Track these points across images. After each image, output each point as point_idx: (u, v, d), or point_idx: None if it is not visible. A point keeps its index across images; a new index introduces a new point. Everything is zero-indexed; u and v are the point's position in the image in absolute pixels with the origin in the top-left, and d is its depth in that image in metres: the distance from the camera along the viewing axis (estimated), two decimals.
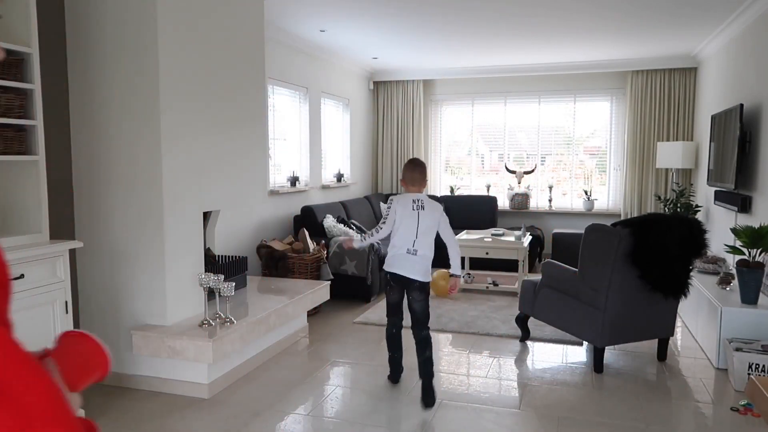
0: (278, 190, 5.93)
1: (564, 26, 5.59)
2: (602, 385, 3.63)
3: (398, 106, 8.41)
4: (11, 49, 2.71)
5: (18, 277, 2.64)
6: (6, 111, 2.69)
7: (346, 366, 3.94)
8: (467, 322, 4.90)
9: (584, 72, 7.65)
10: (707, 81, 6.64)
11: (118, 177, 3.41)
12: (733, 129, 4.91)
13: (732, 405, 3.32)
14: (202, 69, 3.65)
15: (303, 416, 3.16)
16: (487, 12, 5.08)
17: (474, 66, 7.87)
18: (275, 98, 5.98)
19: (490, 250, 5.95)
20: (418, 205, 3.32)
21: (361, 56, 7.20)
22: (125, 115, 3.36)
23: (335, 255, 5.51)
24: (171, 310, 3.47)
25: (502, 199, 8.16)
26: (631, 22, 5.43)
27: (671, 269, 3.64)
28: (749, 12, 4.87)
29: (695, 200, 6.79)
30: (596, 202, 7.85)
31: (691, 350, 4.29)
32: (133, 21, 3.28)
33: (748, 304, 3.83)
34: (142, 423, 3.06)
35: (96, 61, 3.38)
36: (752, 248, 3.77)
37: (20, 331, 2.75)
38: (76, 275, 3.54)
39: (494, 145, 8.37)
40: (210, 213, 4.13)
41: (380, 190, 8.60)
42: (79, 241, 3.03)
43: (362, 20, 5.38)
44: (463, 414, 3.20)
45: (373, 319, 4.99)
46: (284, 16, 5.29)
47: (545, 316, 4.17)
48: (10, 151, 2.73)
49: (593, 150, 7.99)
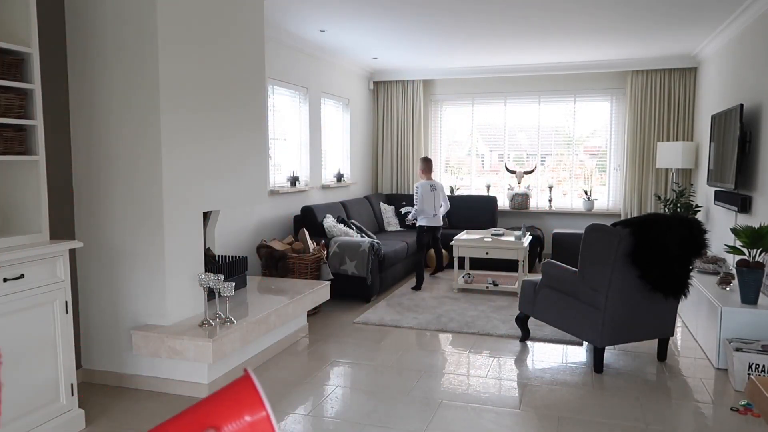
0: (278, 190, 5.93)
1: (564, 26, 5.59)
2: (602, 385, 3.63)
3: (398, 106, 8.41)
4: (11, 49, 2.72)
5: (18, 277, 2.64)
6: (6, 111, 2.69)
7: (346, 366, 3.94)
8: (467, 322, 4.90)
9: (584, 72, 7.65)
10: (707, 81, 6.64)
11: (118, 177, 3.41)
12: (733, 129, 4.91)
13: (732, 405, 3.32)
14: (202, 69, 3.65)
15: (303, 416, 3.16)
16: (487, 12, 5.08)
17: (474, 66, 7.88)
18: (275, 98, 5.98)
19: (490, 250, 5.95)
20: (433, 187, 6.15)
21: (361, 56, 7.20)
22: (125, 115, 3.36)
23: (335, 255, 5.51)
24: (171, 310, 3.47)
25: (502, 199, 8.16)
26: (631, 23, 5.44)
27: (671, 269, 3.64)
28: (749, 12, 4.87)
29: (695, 200, 6.80)
30: (596, 202, 7.85)
31: (691, 350, 4.29)
32: (133, 21, 3.28)
33: (748, 304, 3.83)
34: (142, 423, 3.06)
35: (96, 61, 3.38)
36: (752, 248, 3.77)
37: (20, 331, 2.74)
38: (76, 275, 3.54)
39: (494, 145, 8.37)
40: (210, 213, 4.13)
41: (380, 190, 8.59)
42: (79, 241, 3.03)
43: (362, 20, 5.39)
44: (463, 414, 3.20)
45: (373, 319, 4.99)
46: (284, 16, 5.29)
47: (545, 316, 4.17)
48: (10, 151, 2.73)
49: (593, 150, 7.99)
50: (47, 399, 2.81)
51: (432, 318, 5.05)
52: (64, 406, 2.89)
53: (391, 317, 5.04)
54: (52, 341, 2.83)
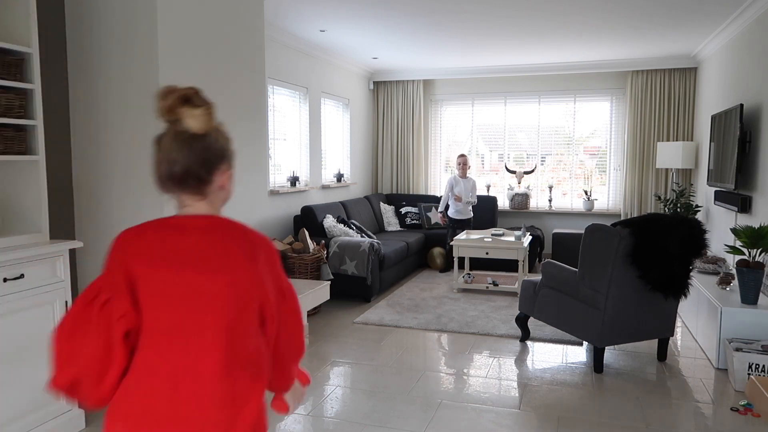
0: (278, 190, 5.93)
1: (564, 26, 5.59)
2: (602, 385, 3.63)
3: (398, 106, 8.41)
4: (11, 49, 2.72)
5: (18, 277, 2.64)
6: (6, 111, 2.69)
7: (346, 366, 3.94)
8: (467, 322, 4.90)
9: (584, 72, 7.65)
10: (707, 81, 6.64)
11: (118, 177, 3.41)
12: (733, 129, 4.91)
13: (732, 405, 3.32)
14: (202, 68, 3.66)
15: (303, 416, 3.16)
16: (488, 12, 5.08)
17: (474, 66, 7.88)
18: (275, 98, 5.98)
19: (490, 250, 5.95)
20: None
21: (361, 56, 7.20)
22: (125, 115, 3.36)
23: (335, 255, 5.51)
24: None
25: (502, 199, 8.16)
26: (631, 22, 5.44)
27: (671, 269, 3.64)
28: (749, 12, 4.88)
29: (695, 200, 6.80)
30: (596, 202, 7.85)
31: (691, 350, 4.29)
32: (133, 21, 3.28)
33: (748, 304, 3.83)
34: None
35: (96, 61, 3.38)
36: (752, 248, 3.77)
37: (20, 331, 2.73)
38: (76, 275, 3.54)
39: (494, 145, 8.37)
40: None
41: (380, 190, 8.59)
42: (79, 241, 3.03)
43: (362, 20, 5.39)
44: (462, 414, 3.20)
45: (373, 319, 4.99)
46: (284, 16, 5.29)
47: (545, 316, 4.17)
48: (10, 151, 2.73)
49: (593, 150, 7.99)
50: (47, 399, 2.81)
51: (432, 318, 5.05)
52: (64, 407, 2.89)
53: (391, 317, 5.04)
54: None
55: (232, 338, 1.23)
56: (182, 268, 1.23)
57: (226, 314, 1.22)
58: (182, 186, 1.31)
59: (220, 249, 1.24)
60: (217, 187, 1.35)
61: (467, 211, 6.83)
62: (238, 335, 1.24)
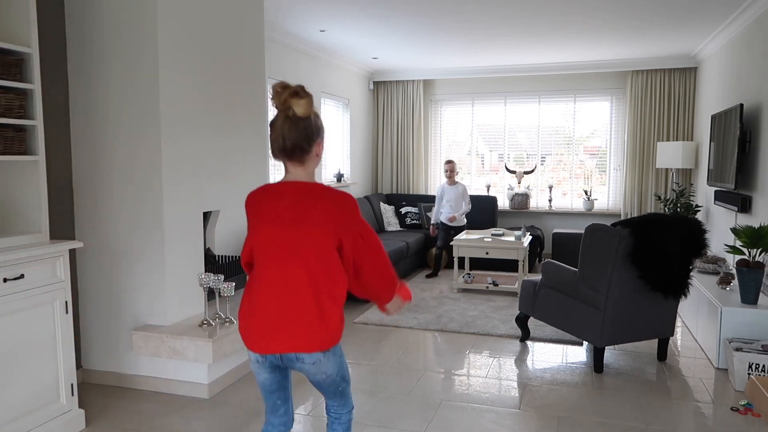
0: None
1: (564, 26, 5.59)
2: (602, 385, 3.63)
3: (398, 106, 8.41)
4: (11, 49, 2.72)
5: (18, 277, 2.64)
6: (6, 111, 2.69)
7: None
8: (467, 322, 4.90)
9: (584, 72, 7.65)
10: (707, 81, 6.64)
11: (117, 177, 3.41)
12: (733, 129, 4.91)
13: (732, 405, 3.32)
14: (202, 69, 3.66)
15: (303, 416, 3.16)
16: (488, 12, 5.08)
17: (474, 66, 7.88)
18: None
19: (490, 250, 5.95)
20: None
21: (361, 56, 7.20)
22: (125, 115, 3.36)
23: None
24: (171, 310, 3.47)
25: (502, 199, 8.16)
26: (631, 22, 5.43)
27: (671, 269, 3.64)
28: (749, 12, 4.88)
29: (695, 200, 6.80)
30: (596, 202, 7.85)
31: (691, 350, 4.29)
32: (133, 21, 3.29)
33: (748, 304, 3.83)
34: (142, 423, 3.06)
35: (96, 61, 3.38)
36: (752, 248, 3.77)
37: (20, 331, 2.74)
38: (76, 275, 3.54)
39: (494, 145, 8.37)
40: (210, 213, 4.13)
41: (380, 190, 8.59)
42: (79, 241, 3.03)
43: (362, 20, 5.39)
44: (463, 414, 3.20)
45: (373, 319, 4.99)
46: (284, 16, 5.29)
47: (545, 316, 4.17)
48: (10, 151, 2.73)
49: (593, 150, 7.99)
50: (47, 399, 2.81)
51: (432, 318, 5.05)
52: (64, 406, 2.89)
53: (391, 317, 5.04)
54: (52, 341, 2.83)
55: (312, 268, 1.79)
56: (277, 225, 1.81)
57: (306, 256, 1.78)
58: (290, 155, 1.82)
59: (304, 209, 1.78)
60: (314, 155, 1.87)
61: (461, 219, 6.79)
62: (317, 266, 1.79)
